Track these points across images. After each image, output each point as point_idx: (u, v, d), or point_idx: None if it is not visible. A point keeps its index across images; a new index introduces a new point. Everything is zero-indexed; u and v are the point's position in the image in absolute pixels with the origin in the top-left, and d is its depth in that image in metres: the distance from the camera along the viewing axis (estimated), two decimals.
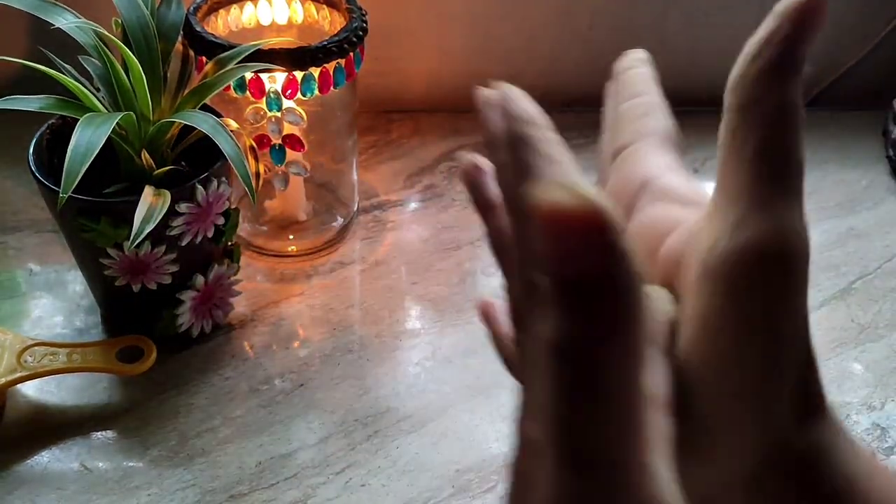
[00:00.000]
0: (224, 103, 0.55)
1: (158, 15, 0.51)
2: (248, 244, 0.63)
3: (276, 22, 0.61)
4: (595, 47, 0.79)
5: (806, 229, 0.21)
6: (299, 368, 0.54)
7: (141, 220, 0.44)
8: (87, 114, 0.45)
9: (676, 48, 0.80)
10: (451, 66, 0.79)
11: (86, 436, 0.50)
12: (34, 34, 0.71)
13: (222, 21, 0.59)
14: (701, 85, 0.83)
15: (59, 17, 0.48)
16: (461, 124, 0.77)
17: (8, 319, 0.57)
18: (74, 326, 0.57)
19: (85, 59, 0.50)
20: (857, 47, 0.81)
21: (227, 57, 0.51)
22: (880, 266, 0.64)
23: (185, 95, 0.50)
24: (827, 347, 0.57)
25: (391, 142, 0.75)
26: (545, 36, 0.78)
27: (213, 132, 0.47)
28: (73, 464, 0.48)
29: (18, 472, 0.48)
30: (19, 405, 0.51)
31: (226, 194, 0.51)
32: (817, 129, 0.79)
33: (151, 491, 0.47)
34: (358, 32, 0.56)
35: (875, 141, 0.77)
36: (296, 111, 0.56)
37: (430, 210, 0.68)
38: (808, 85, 0.93)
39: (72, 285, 0.60)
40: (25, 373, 0.49)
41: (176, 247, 0.50)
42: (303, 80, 0.54)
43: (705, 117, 0.80)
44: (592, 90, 0.86)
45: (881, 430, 0.52)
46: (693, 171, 0.73)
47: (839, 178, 0.73)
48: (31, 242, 0.63)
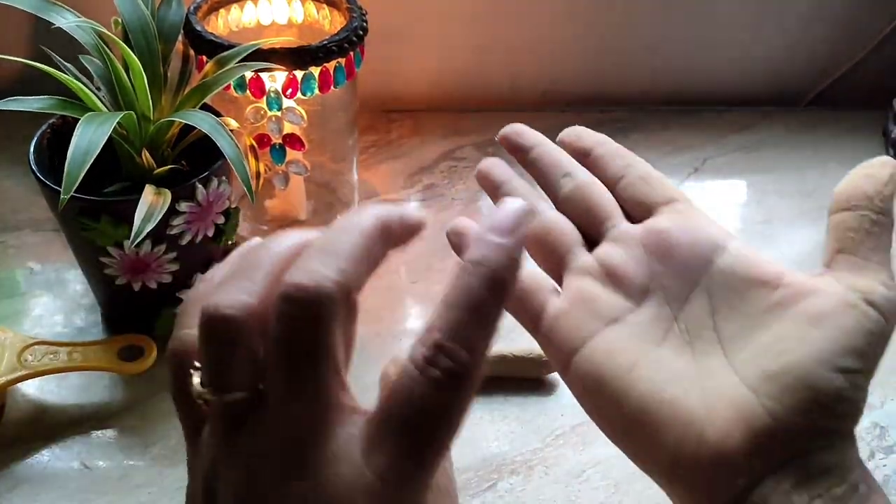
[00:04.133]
0: (224, 102, 0.55)
1: (159, 14, 0.51)
2: None
3: (277, 21, 0.61)
4: (595, 47, 0.79)
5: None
6: None
7: (141, 219, 0.44)
8: (87, 113, 0.45)
9: (676, 48, 0.80)
10: (451, 66, 0.79)
11: (86, 434, 0.50)
12: (35, 34, 0.71)
13: (222, 20, 0.59)
14: (701, 85, 0.83)
15: (59, 17, 0.48)
16: (461, 124, 0.77)
17: (8, 318, 0.57)
18: (75, 325, 0.57)
19: (85, 59, 0.50)
20: (857, 47, 0.81)
21: (227, 56, 0.51)
22: None
23: (186, 95, 0.51)
24: None
25: (391, 141, 0.75)
26: (545, 36, 0.78)
27: (213, 131, 0.47)
28: (73, 462, 0.48)
29: (19, 471, 0.48)
30: (20, 404, 0.51)
31: (226, 193, 0.51)
32: (817, 129, 0.79)
33: (152, 489, 0.47)
34: (358, 32, 0.56)
35: (875, 141, 0.77)
36: (296, 110, 0.56)
37: (430, 209, 0.68)
38: (808, 85, 0.93)
39: (72, 284, 0.60)
40: (26, 371, 0.49)
41: (176, 246, 0.50)
42: (303, 80, 0.54)
43: (705, 117, 0.81)
44: (592, 90, 0.87)
45: (881, 430, 0.52)
46: (693, 170, 0.73)
47: (839, 177, 0.73)
48: (32, 241, 0.63)
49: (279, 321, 0.22)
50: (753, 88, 0.82)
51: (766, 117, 0.81)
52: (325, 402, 0.23)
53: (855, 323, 0.29)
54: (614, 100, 0.82)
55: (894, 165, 0.33)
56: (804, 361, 0.28)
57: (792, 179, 0.73)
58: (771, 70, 0.82)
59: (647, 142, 0.76)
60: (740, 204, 0.71)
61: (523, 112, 0.79)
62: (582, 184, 0.36)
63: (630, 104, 0.81)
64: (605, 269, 0.33)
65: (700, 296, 0.32)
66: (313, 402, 0.23)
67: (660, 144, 0.76)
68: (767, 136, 0.78)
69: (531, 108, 0.80)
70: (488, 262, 0.23)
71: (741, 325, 0.31)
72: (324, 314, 0.22)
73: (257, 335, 0.23)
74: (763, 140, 0.78)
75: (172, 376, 0.26)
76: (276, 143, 0.57)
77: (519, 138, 0.38)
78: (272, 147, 0.57)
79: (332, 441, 0.23)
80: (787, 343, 0.29)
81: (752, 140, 0.78)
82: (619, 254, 0.34)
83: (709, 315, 0.32)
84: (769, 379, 0.29)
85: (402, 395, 0.22)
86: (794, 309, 0.30)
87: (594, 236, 0.35)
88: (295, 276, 0.22)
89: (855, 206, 0.32)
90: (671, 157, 0.74)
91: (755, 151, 0.76)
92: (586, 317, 0.32)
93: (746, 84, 0.82)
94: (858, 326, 0.29)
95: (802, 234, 0.67)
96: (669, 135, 0.77)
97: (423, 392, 0.22)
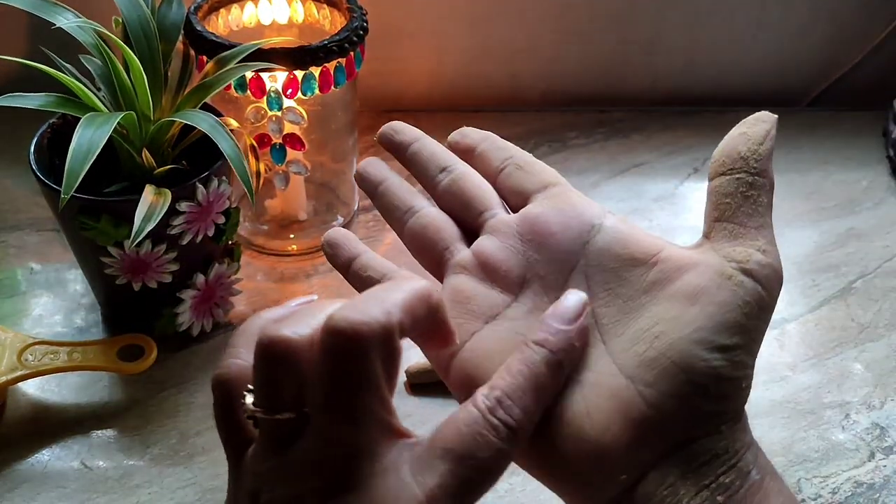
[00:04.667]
0: (225, 102, 0.55)
1: (159, 14, 0.51)
2: (248, 243, 0.63)
3: (277, 21, 0.61)
4: (595, 48, 0.79)
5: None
6: None
7: (141, 218, 0.44)
8: (88, 113, 0.45)
9: (676, 48, 0.80)
10: (451, 66, 0.79)
11: (86, 434, 0.50)
12: (35, 34, 0.71)
13: (223, 20, 0.59)
14: (701, 85, 0.83)
15: (59, 17, 0.48)
16: (461, 124, 0.76)
17: (8, 318, 0.57)
18: (75, 325, 0.57)
19: (86, 59, 0.50)
20: (857, 48, 0.81)
21: (227, 56, 0.51)
22: (880, 266, 0.64)
23: (186, 95, 0.51)
24: (827, 347, 0.57)
25: None
26: (545, 36, 0.78)
27: (214, 131, 0.47)
28: (73, 462, 0.48)
29: (19, 471, 0.48)
30: (20, 404, 0.51)
31: (226, 193, 0.51)
32: (817, 129, 0.79)
33: (152, 489, 0.47)
34: (358, 32, 0.56)
35: (875, 141, 0.77)
36: (296, 110, 0.56)
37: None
38: (808, 85, 0.93)
39: (72, 284, 0.60)
40: (26, 371, 0.49)
41: (176, 246, 0.50)
42: (303, 80, 0.54)
43: (705, 117, 0.81)
44: (592, 90, 0.87)
45: (881, 430, 0.52)
46: (693, 170, 0.73)
47: (839, 178, 0.73)
48: (32, 241, 0.63)
49: (322, 352, 0.24)
50: (753, 88, 0.82)
51: None
52: (371, 423, 0.24)
53: (730, 296, 0.28)
54: (614, 100, 0.82)
55: (771, 121, 0.32)
56: (678, 343, 0.27)
57: (792, 180, 0.73)
58: (771, 70, 0.82)
59: (647, 142, 0.76)
60: None
61: (523, 112, 0.79)
62: (459, 176, 0.35)
63: (630, 104, 0.81)
64: (480, 262, 0.32)
65: (577, 281, 0.31)
66: (360, 422, 0.24)
67: (660, 144, 0.76)
68: None
69: (531, 108, 0.80)
70: (550, 345, 0.27)
71: (619, 309, 0.30)
72: (363, 347, 0.24)
73: (307, 364, 0.25)
74: None
75: (219, 401, 0.27)
76: (276, 142, 0.57)
77: (396, 136, 0.37)
78: (272, 147, 0.57)
79: (381, 458, 0.24)
80: (663, 325, 0.28)
81: None
82: (494, 245, 0.32)
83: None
84: (644, 365, 0.28)
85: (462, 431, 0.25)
86: (670, 287, 0.29)
87: (474, 229, 0.34)
88: (341, 310, 0.24)
89: (731, 169, 0.30)
90: (671, 157, 0.74)
91: None
92: (463, 317, 0.31)
93: (746, 84, 0.82)
94: (734, 299, 0.28)
95: (802, 234, 0.67)
96: (669, 135, 0.77)
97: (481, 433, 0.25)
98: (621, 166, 0.73)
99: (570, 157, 0.74)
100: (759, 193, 0.30)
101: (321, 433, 0.24)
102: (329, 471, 0.24)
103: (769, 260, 0.29)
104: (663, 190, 0.71)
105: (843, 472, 0.50)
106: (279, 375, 0.25)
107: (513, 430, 0.25)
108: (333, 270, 0.36)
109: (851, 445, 0.51)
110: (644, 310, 0.29)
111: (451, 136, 0.37)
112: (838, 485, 0.49)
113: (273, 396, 0.25)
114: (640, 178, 0.72)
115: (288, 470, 0.25)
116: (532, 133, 0.77)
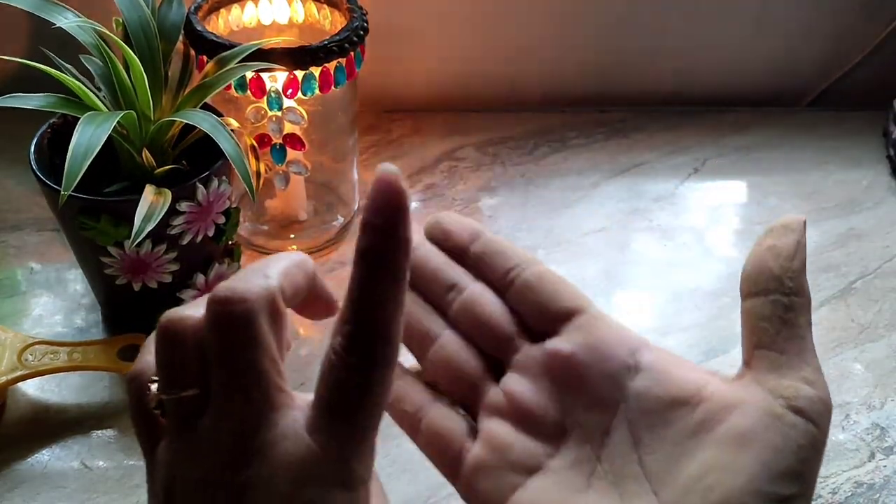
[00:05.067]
0: (225, 102, 0.55)
1: (159, 14, 0.51)
2: (248, 243, 0.63)
3: (277, 21, 0.61)
4: (595, 47, 0.79)
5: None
6: (300, 367, 0.54)
7: (142, 218, 0.44)
8: (88, 112, 0.45)
9: (676, 48, 0.80)
10: (451, 66, 0.79)
11: (86, 434, 0.50)
12: (35, 34, 0.71)
13: (223, 20, 0.59)
14: (701, 85, 0.83)
15: (59, 17, 0.48)
16: (461, 124, 0.77)
17: (8, 318, 0.57)
18: (75, 325, 0.57)
19: (86, 59, 0.50)
20: (857, 48, 0.81)
21: (227, 56, 0.51)
22: (880, 266, 0.64)
23: (186, 94, 0.51)
24: (827, 347, 0.57)
25: (392, 141, 0.75)
26: (545, 36, 0.78)
27: (214, 131, 0.47)
28: (73, 462, 0.48)
29: (19, 471, 0.48)
30: (20, 404, 0.51)
31: (226, 193, 0.51)
32: (817, 129, 0.79)
33: None
34: (359, 32, 0.56)
35: (875, 141, 0.77)
36: (296, 110, 0.56)
37: (430, 209, 0.68)
38: (808, 85, 0.93)
39: (72, 284, 0.60)
40: (26, 371, 0.49)
41: (176, 246, 0.50)
42: (303, 80, 0.54)
43: (705, 117, 0.81)
44: (592, 90, 0.87)
45: (881, 430, 0.52)
46: (693, 170, 0.73)
47: (839, 178, 0.73)
48: (32, 241, 0.63)
49: (210, 322, 0.25)
50: (753, 89, 0.82)
51: (766, 117, 0.81)
52: (266, 389, 0.25)
53: (783, 440, 0.26)
54: (614, 100, 0.82)
55: (800, 228, 0.28)
56: (733, 495, 0.25)
57: (792, 180, 0.73)
58: (771, 70, 0.82)
59: (647, 142, 0.76)
60: (740, 204, 0.71)
61: (523, 112, 0.79)
62: (469, 299, 0.32)
63: (630, 104, 0.81)
64: (514, 407, 0.31)
65: (620, 426, 0.29)
66: (253, 389, 0.25)
67: (660, 144, 0.76)
68: (768, 137, 0.78)
69: (531, 109, 0.80)
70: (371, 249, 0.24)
71: (666, 456, 0.28)
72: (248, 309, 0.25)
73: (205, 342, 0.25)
74: (763, 140, 0.78)
75: (132, 396, 0.28)
76: (276, 142, 0.57)
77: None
78: (272, 147, 0.57)
79: (276, 424, 0.25)
80: (715, 474, 0.26)
81: (752, 140, 0.78)
82: (526, 388, 0.31)
83: (632, 448, 0.29)
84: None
85: (328, 381, 0.24)
86: (718, 430, 0.27)
87: (497, 357, 0.32)
88: (224, 282, 0.25)
89: (764, 289, 0.28)
90: (671, 157, 0.74)
91: (755, 152, 0.76)
92: (505, 468, 0.30)
93: (746, 84, 0.82)
94: (787, 443, 0.26)
95: None
96: (669, 135, 0.77)
97: (345, 377, 0.24)
98: (621, 166, 0.73)
99: (570, 157, 0.74)
100: (797, 315, 0.28)
101: (219, 408, 0.25)
102: (229, 445, 0.24)
103: (819, 393, 0.27)
104: (663, 190, 0.71)
105: (844, 472, 0.50)
106: (176, 355, 0.26)
107: (374, 359, 0.24)
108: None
109: (851, 445, 0.51)
110: (692, 456, 0.27)
111: (430, 232, 0.34)
112: (838, 485, 0.49)
113: (172, 377, 0.26)
114: (640, 178, 0.72)
115: (195, 451, 0.25)
116: (532, 133, 0.77)
